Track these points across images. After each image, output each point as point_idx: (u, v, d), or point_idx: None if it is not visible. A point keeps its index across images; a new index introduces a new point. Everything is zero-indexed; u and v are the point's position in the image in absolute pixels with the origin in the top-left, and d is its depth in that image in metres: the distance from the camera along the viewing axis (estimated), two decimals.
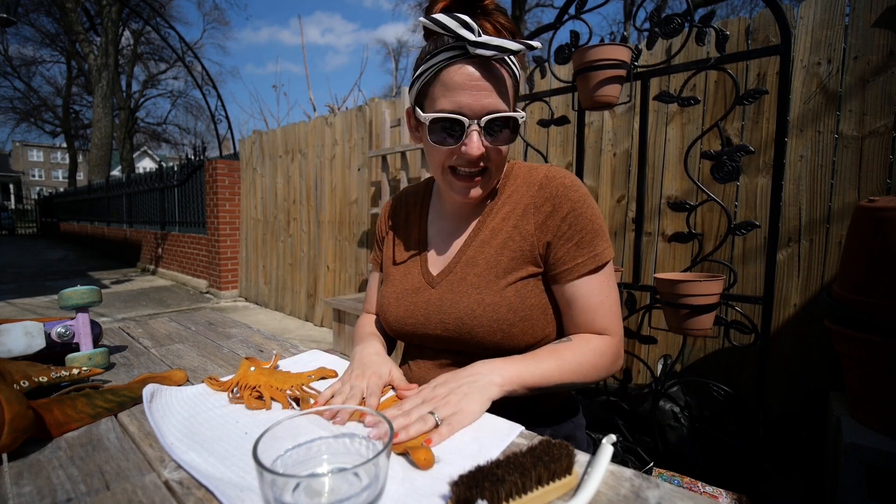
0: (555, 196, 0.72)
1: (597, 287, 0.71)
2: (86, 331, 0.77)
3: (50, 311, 4.32)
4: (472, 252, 0.76)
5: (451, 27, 0.65)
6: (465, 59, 0.66)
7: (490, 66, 0.67)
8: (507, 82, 0.69)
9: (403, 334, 0.80)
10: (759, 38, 1.85)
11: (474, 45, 0.64)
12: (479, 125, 0.67)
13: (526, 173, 0.78)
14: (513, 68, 0.70)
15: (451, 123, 0.68)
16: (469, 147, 0.67)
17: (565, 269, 0.71)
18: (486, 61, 0.66)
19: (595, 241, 0.71)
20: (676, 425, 1.50)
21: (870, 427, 1.24)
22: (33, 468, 0.47)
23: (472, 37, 0.64)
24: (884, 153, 1.61)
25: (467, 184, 0.72)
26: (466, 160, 0.69)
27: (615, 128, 2.26)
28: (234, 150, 5.52)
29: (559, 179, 0.73)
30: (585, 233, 0.71)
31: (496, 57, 0.66)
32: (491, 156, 0.70)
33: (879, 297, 1.14)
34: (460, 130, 0.68)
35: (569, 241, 0.71)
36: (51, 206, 15.88)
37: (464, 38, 0.65)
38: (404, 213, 0.90)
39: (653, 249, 2.15)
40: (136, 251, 7.85)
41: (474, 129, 0.67)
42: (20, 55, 21.66)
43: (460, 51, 0.66)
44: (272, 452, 0.41)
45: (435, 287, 0.77)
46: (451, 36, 0.66)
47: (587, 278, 0.71)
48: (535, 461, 0.40)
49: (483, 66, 0.66)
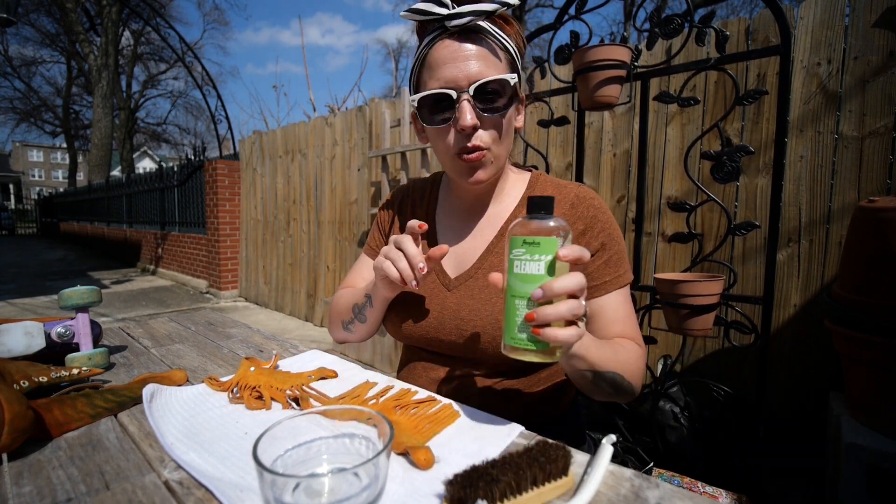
0: (587, 217, 0.72)
1: (623, 302, 0.72)
2: (86, 331, 0.77)
3: (50, 311, 4.32)
4: (495, 259, 0.74)
5: (425, 9, 0.64)
6: (445, 35, 0.65)
7: (473, 37, 0.65)
8: (497, 51, 0.67)
9: (413, 337, 0.77)
10: (759, 39, 1.85)
11: (449, 18, 0.64)
12: (470, 94, 0.64)
13: (554, 188, 0.76)
14: (501, 39, 0.67)
15: (440, 100, 0.65)
16: (462, 119, 0.64)
17: (595, 286, 0.71)
18: (467, 33, 0.65)
19: (621, 262, 0.73)
20: (676, 425, 1.50)
21: (870, 427, 1.23)
22: (33, 468, 0.47)
23: (445, 10, 0.64)
24: (884, 153, 1.61)
25: (472, 164, 0.68)
26: (465, 136, 0.66)
27: (615, 128, 2.26)
28: (234, 150, 5.52)
29: (590, 200, 0.73)
30: (614, 253, 0.72)
31: (471, 24, 0.64)
32: (489, 128, 0.67)
33: (879, 297, 1.14)
34: (450, 106, 0.65)
35: (599, 258, 0.72)
36: (51, 206, 15.88)
37: (437, 14, 0.64)
38: (410, 206, 0.87)
39: (653, 249, 2.15)
40: (136, 251, 7.85)
41: (464, 98, 0.64)
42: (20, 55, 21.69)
43: (440, 29, 0.66)
44: (272, 452, 0.41)
45: (452, 291, 0.74)
46: (429, 19, 0.66)
47: (613, 295, 0.72)
48: (530, 462, 0.40)
49: (465, 38, 0.65)
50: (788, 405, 1.82)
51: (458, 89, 0.64)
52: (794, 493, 1.61)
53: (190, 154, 5.88)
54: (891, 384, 1.16)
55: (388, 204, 0.91)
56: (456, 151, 0.68)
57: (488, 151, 0.68)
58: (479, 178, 0.69)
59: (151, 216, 7.27)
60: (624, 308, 0.72)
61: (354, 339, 0.85)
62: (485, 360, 0.72)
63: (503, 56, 0.68)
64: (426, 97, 0.66)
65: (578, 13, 1.58)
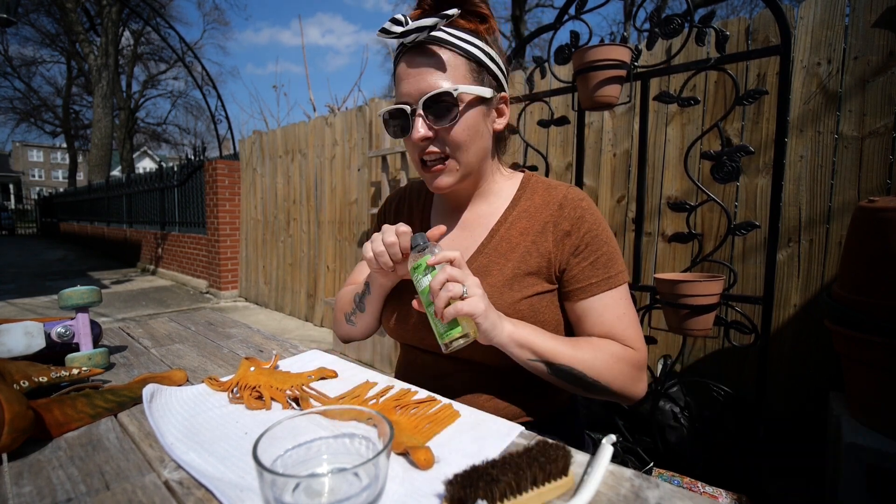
0: (574, 217, 0.72)
1: (612, 304, 0.71)
2: (86, 331, 0.77)
3: (50, 311, 4.32)
4: (485, 260, 0.74)
5: (387, 27, 0.66)
6: (405, 51, 0.68)
7: (426, 50, 0.67)
8: (453, 61, 0.67)
9: (407, 336, 0.79)
10: (759, 39, 1.85)
11: (401, 36, 0.66)
12: (420, 109, 0.67)
13: (544, 190, 0.77)
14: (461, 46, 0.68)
15: (398, 114, 0.69)
16: (413, 132, 0.68)
17: (578, 288, 0.71)
18: (420, 47, 0.67)
19: (610, 264, 0.72)
20: (676, 425, 1.50)
21: (870, 427, 1.23)
22: (33, 468, 0.47)
23: (399, 28, 0.65)
24: (884, 153, 1.61)
25: (433, 173, 0.72)
26: (420, 148, 0.70)
27: (615, 128, 2.26)
28: (234, 150, 5.52)
29: (578, 201, 0.73)
30: (601, 254, 0.71)
31: (419, 38, 0.66)
32: (444, 137, 0.69)
33: (879, 297, 1.14)
34: (408, 120, 0.69)
35: (584, 260, 0.71)
36: (51, 206, 15.88)
37: (394, 32, 0.66)
38: (407, 207, 0.89)
39: (653, 249, 2.15)
40: (136, 251, 7.85)
41: (418, 113, 0.67)
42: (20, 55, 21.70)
43: (401, 46, 0.68)
44: (272, 452, 0.41)
45: None
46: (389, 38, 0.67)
47: (600, 296, 0.71)
48: (530, 462, 0.40)
49: (419, 52, 0.67)
50: (788, 405, 1.82)
51: (412, 104, 0.68)
52: (794, 493, 1.61)
53: (190, 154, 5.88)
54: (891, 384, 1.16)
55: (385, 207, 0.93)
56: (418, 161, 0.72)
57: (450, 160, 0.70)
58: (438, 184, 0.72)
59: (151, 216, 7.27)
60: (613, 310, 0.71)
61: (357, 333, 0.87)
62: (479, 358, 0.73)
63: (462, 63, 0.68)
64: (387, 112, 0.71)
65: (578, 13, 1.58)
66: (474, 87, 0.68)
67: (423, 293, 0.64)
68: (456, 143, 0.69)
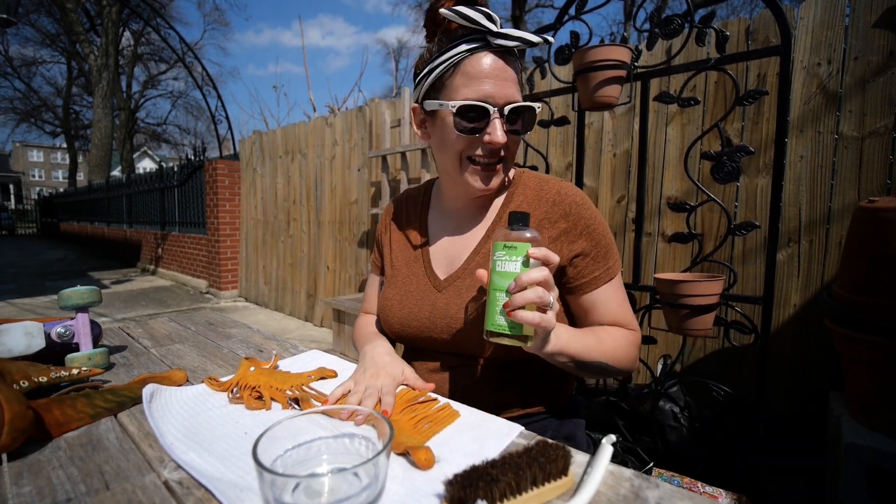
0: (569, 213, 0.74)
1: (613, 294, 0.75)
2: (86, 331, 0.77)
3: (50, 311, 4.31)
4: (483, 259, 0.76)
5: (476, 18, 0.66)
6: (486, 49, 0.68)
7: (511, 60, 0.70)
8: (519, 75, 0.72)
9: (406, 337, 0.80)
10: (759, 39, 1.85)
11: (496, 36, 0.67)
12: (504, 114, 0.68)
13: (536, 185, 0.78)
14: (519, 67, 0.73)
15: (476, 111, 0.68)
16: (493, 135, 0.68)
17: (584, 282, 0.74)
18: (505, 52, 0.69)
19: (608, 255, 0.75)
20: (676, 425, 1.50)
21: (870, 427, 1.23)
22: (33, 468, 0.47)
23: (495, 28, 0.67)
24: (884, 153, 1.61)
25: (488, 173, 0.73)
26: (489, 149, 0.71)
27: (615, 128, 2.26)
28: (234, 150, 5.52)
29: (572, 197, 0.75)
30: (600, 248, 0.74)
31: (517, 48, 0.68)
32: (510, 145, 0.72)
33: (879, 297, 1.14)
34: (484, 119, 0.69)
35: (586, 256, 0.73)
36: (51, 206, 15.88)
37: (488, 28, 0.67)
38: (405, 214, 0.90)
39: (653, 250, 2.15)
40: (136, 251, 7.85)
41: (497, 117, 0.68)
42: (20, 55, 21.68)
43: (481, 42, 0.68)
44: (272, 452, 0.41)
45: (442, 291, 0.77)
46: (472, 27, 0.68)
47: (604, 288, 0.74)
48: (530, 462, 0.40)
49: (503, 57, 0.69)
50: (788, 405, 1.82)
51: (495, 105, 0.68)
52: (794, 493, 1.61)
53: (190, 154, 5.87)
54: (891, 384, 1.16)
55: (381, 220, 0.95)
56: (469, 155, 0.72)
57: (502, 164, 0.73)
58: (493, 185, 0.74)
59: (151, 216, 7.27)
60: (615, 298, 0.75)
61: None
62: (477, 355, 0.74)
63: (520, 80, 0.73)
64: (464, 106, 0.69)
65: (578, 13, 1.58)
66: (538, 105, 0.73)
67: (503, 276, 0.58)
68: (513, 151, 0.74)
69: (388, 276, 0.87)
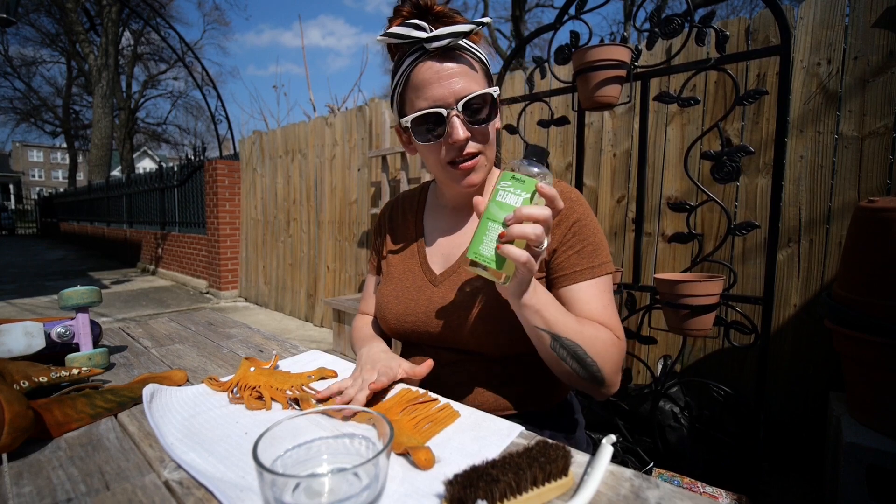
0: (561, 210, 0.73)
1: (597, 294, 0.72)
2: (86, 331, 0.77)
3: (50, 311, 4.31)
4: None
5: (404, 33, 0.68)
6: (426, 56, 0.69)
7: (452, 56, 0.70)
8: (474, 65, 0.71)
9: (402, 332, 0.81)
10: (759, 39, 1.85)
11: (429, 41, 0.68)
12: (458, 110, 0.69)
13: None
14: (475, 52, 0.72)
15: (432, 118, 0.70)
16: (454, 134, 0.69)
17: (563, 275, 0.73)
18: (446, 52, 0.69)
19: (596, 254, 0.73)
20: (676, 426, 1.50)
21: (870, 427, 1.23)
22: (33, 468, 0.47)
23: (424, 34, 0.68)
24: (884, 153, 1.61)
25: (464, 171, 0.73)
26: (457, 148, 0.71)
27: (615, 128, 2.26)
28: (234, 150, 5.51)
29: (566, 193, 0.75)
30: (587, 244, 0.73)
31: (451, 44, 0.68)
32: (478, 137, 0.72)
33: (879, 297, 1.14)
34: (441, 123, 0.69)
35: (570, 248, 0.73)
36: (51, 206, 15.88)
37: (417, 38, 0.68)
38: (401, 213, 0.91)
39: (653, 250, 2.15)
40: (136, 251, 7.85)
41: (454, 115, 0.69)
42: (20, 55, 21.67)
43: (420, 51, 0.70)
44: (272, 452, 0.41)
45: (437, 286, 0.78)
46: (408, 42, 0.69)
47: (585, 284, 0.72)
48: (530, 462, 0.40)
49: (445, 58, 0.69)
50: (788, 405, 1.82)
51: (447, 107, 0.69)
52: (794, 494, 1.61)
53: (190, 154, 5.87)
54: (891, 384, 1.16)
55: (378, 221, 0.96)
56: (449, 161, 0.73)
57: (481, 156, 0.73)
58: (472, 181, 0.74)
59: (151, 216, 7.27)
60: (599, 299, 0.72)
61: None
62: (473, 352, 0.74)
63: (480, 68, 0.73)
64: (417, 117, 0.70)
65: (578, 13, 1.58)
66: (495, 89, 0.72)
67: (501, 206, 0.56)
68: (488, 141, 0.73)
69: (384, 274, 0.88)
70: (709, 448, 1.56)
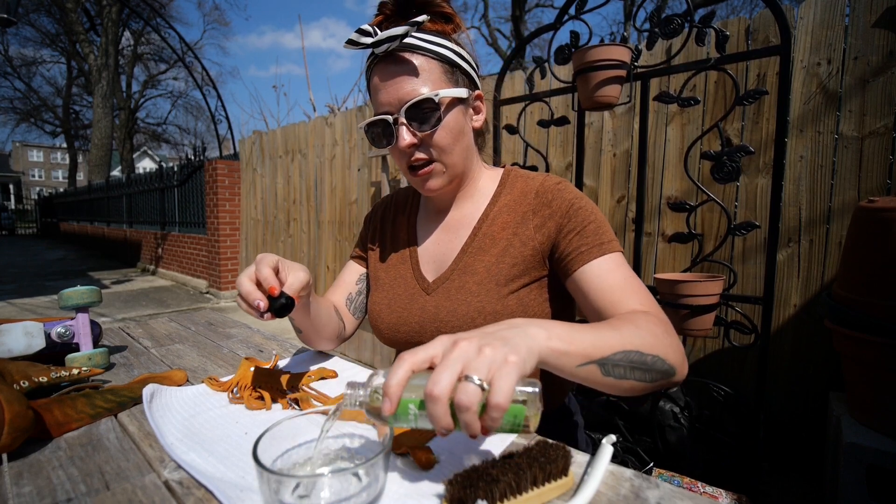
0: (551, 200, 0.71)
1: (614, 267, 0.64)
2: (86, 331, 0.77)
3: (50, 311, 4.31)
4: (470, 259, 0.74)
5: (354, 39, 0.65)
6: (378, 61, 0.68)
7: (398, 59, 0.66)
8: (427, 66, 0.67)
9: (396, 342, 0.78)
10: (759, 39, 1.85)
11: (373, 46, 0.65)
12: (403, 116, 0.66)
13: (523, 182, 0.77)
14: (433, 50, 0.67)
15: (379, 125, 0.68)
16: (399, 140, 0.67)
17: (570, 259, 0.67)
18: (393, 56, 0.66)
19: (599, 232, 0.68)
20: (676, 426, 1.50)
21: (870, 427, 1.23)
22: (33, 468, 0.47)
23: (368, 39, 0.65)
24: (884, 153, 1.61)
25: (421, 177, 0.71)
26: (407, 154, 0.69)
27: (615, 128, 2.26)
28: (234, 150, 5.52)
29: (554, 185, 0.73)
30: (588, 223, 0.68)
31: (391, 48, 0.65)
32: (428, 142, 0.68)
33: (879, 297, 1.14)
34: (388, 129, 0.68)
35: (571, 232, 0.68)
36: (51, 206, 15.88)
37: (363, 43, 0.65)
38: (392, 214, 0.89)
39: (653, 250, 2.15)
40: (136, 251, 7.85)
41: (401, 122, 0.66)
42: (20, 55, 21.70)
43: (372, 56, 0.68)
44: (272, 452, 0.41)
45: (431, 294, 0.75)
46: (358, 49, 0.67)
47: (598, 261, 0.65)
48: (530, 462, 0.40)
49: (392, 61, 0.66)
50: (788, 405, 1.82)
51: (392, 113, 0.67)
52: (794, 494, 1.61)
53: (190, 154, 5.87)
54: (891, 384, 1.16)
55: (370, 215, 0.94)
56: (405, 167, 0.72)
57: (437, 163, 0.70)
58: (430, 187, 0.72)
59: (151, 216, 7.27)
60: (616, 274, 0.63)
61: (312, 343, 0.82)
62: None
63: (436, 66, 0.68)
64: (369, 124, 0.69)
65: (578, 13, 1.58)
66: (451, 90, 0.68)
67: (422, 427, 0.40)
68: (441, 146, 0.69)
69: (373, 280, 0.85)
70: (709, 448, 1.56)
